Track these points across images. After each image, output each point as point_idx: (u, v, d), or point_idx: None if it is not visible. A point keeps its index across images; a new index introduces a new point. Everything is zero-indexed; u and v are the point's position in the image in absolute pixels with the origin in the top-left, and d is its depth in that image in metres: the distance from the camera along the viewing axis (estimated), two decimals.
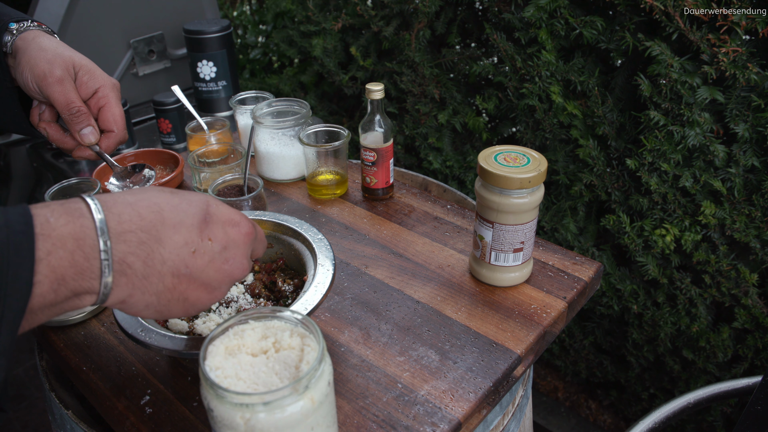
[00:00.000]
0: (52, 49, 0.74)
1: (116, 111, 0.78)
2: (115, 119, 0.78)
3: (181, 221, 0.49)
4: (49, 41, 0.76)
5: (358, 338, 0.77)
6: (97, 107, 0.78)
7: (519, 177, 0.76)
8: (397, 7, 1.49)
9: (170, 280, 0.49)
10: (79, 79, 0.76)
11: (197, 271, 0.50)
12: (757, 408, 0.85)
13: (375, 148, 1.03)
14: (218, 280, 0.52)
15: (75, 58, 0.76)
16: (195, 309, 0.53)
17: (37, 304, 0.42)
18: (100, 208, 0.45)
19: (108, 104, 0.77)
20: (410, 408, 0.67)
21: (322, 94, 1.87)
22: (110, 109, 0.78)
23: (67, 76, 0.74)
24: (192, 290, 0.51)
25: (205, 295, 0.52)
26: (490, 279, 0.86)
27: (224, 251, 0.52)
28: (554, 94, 1.25)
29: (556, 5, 1.19)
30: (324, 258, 0.76)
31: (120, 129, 0.79)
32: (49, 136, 0.80)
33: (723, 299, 1.22)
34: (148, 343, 0.64)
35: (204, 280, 0.51)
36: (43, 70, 0.73)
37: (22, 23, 0.77)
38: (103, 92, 0.77)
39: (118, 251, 0.45)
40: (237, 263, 0.53)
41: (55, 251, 0.42)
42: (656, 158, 1.16)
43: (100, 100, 0.77)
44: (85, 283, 0.44)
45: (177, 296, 0.50)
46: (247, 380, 0.51)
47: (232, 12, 2.36)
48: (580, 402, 1.74)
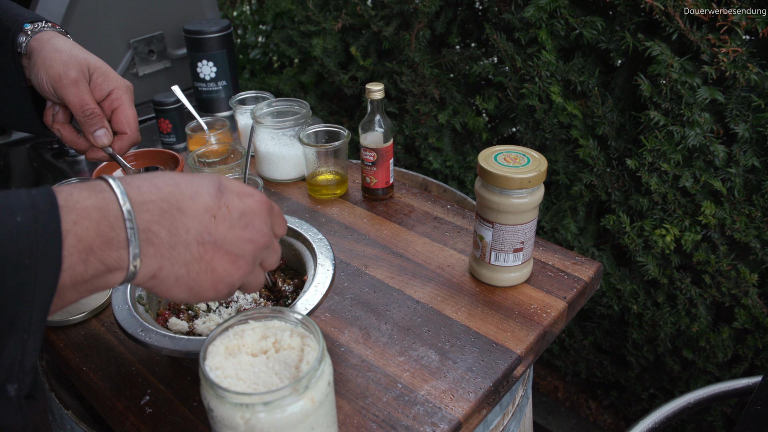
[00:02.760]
0: (67, 50, 0.75)
1: (129, 113, 0.78)
2: (129, 121, 0.79)
3: (197, 191, 0.50)
4: (63, 43, 0.76)
5: (358, 338, 0.77)
6: (110, 109, 0.78)
7: (519, 177, 0.76)
8: (397, 7, 1.49)
9: (196, 248, 0.49)
10: (93, 80, 0.76)
11: (220, 238, 0.50)
12: (757, 408, 0.85)
13: (375, 148, 1.03)
14: (241, 247, 0.52)
15: (90, 60, 0.76)
16: (223, 284, 0.52)
17: (69, 278, 0.42)
18: (119, 183, 0.46)
19: (121, 106, 0.78)
20: (410, 408, 0.67)
21: (322, 94, 1.87)
22: (123, 111, 0.78)
23: (81, 78, 0.75)
24: (218, 259, 0.50)
25: (231, 265, 0.51)
26: (490, 279, 0.86)
27: (242, 217, 0.52)
28: (554, 94, 1.25)
29: (556, 5, 1.19)
30: (324, 258, 0.76)
31: (133, 131, 0.80)
32: (63, 137, 0.80)
33: (723, 299, 1.22)
34: (148, 343, 0.64)
35: (228, 248, 0.51)
36: (59, 72, 0.73)
37: (36, 24, 0.77)
38: (116, 94, 0.77)
39: (142, 220, 0.46)
40: (257, 229, 0.53)
41: (80, 221, 0.42)
42: (656, 158, 1.16)
43: (114, 102, 0.77)
44: (113, 253, 0.44)
45: (204, 267, 0.50)
46: (247, 380, 0.51)
47: (232, 12, 2.36)
48: (580, 402, 1.75)
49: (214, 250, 0.50)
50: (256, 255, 0.54)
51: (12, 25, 0.75)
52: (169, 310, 0.78)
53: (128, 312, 0.69)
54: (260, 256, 0.55)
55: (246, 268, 0.53)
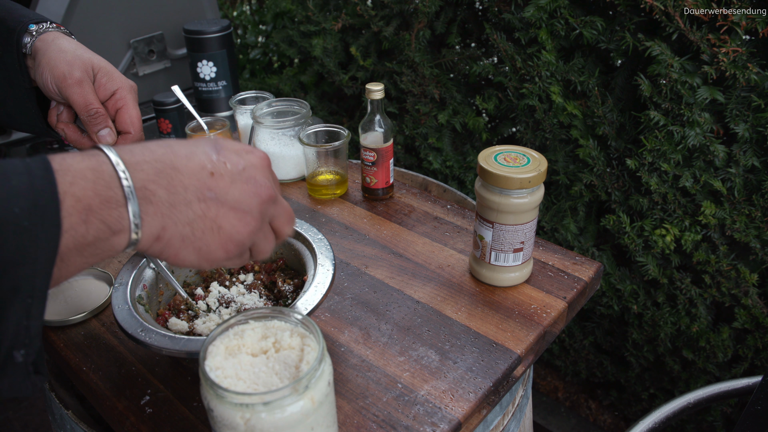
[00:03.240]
0: (71, 50, 0.75)
1: (133, 113, 0.78)
2: (132, 121, 0.78)
3: (192, 152, 0.49)
4: (68, 43, 0.76)
5: (358, 338, 0.77)
6: (114, 109, 0.78)
7: (519, 177, 0.76)
8: (397, 7, 1.49)
9: (198, 206, 0.48)
10: (97, 81, 0.76)
11: (222, 193, 0.49)
12: (757, 408, 0.85)
13: (375, 148, 1.03)
14: (246, 201, 0.51)
15: (94, 60, 0.76)
16: (233, 243, 0.51)
17: (71, 240, 0.42)
18: (111, 148, 0.46)
19: (125, 106, 0.78)
20: (410, 408, 0.67)
21: (322, 94, 1.87)
22: (127, 111, 0.78)
23: (86, 78, 0.75)
24: (223, 215, 0.50)
25: (238, 221, 0.50)
26: (490, 279, 0.86)
27: (244, 171, 0.51)
28: (554, 94, 1.25)
29: (556, 5, 1.19)
30: (324, 258, 0.76)
31: (137, 131, 0.79)
32: (67, 137, 0.81)
33: (723, 299, 1.22)
34: (148, 343, 0.64)
35: (232, 203, 0.50)
36: (63, 72, 0.74)
37: (41, 24, 0.77)
38: (120, 94, 0.77)
39: (138, 179, 0.46)
40: (260, 183, 0.52)
41: (76, 182, 0.43)
42: (656, 158, 1.16)
43: (118, 102, 0.77)
44: (113, 212, 0.44)
45: (209, 224, 0.49)
46: (247, 380, 0.51)
47: (232, 12, 2.36)
48: (580, 402, 1.74)
49: (218, 205, 0.49)
50: (262, 210, 0.52)
51: (17, 26, 0.76)
52: (169, 310, 0.78)
53: (128, 312, 0.69)
54: (268, 212, 0.54)
55: (254, 224, 0.52)
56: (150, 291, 0.76)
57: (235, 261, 0.53)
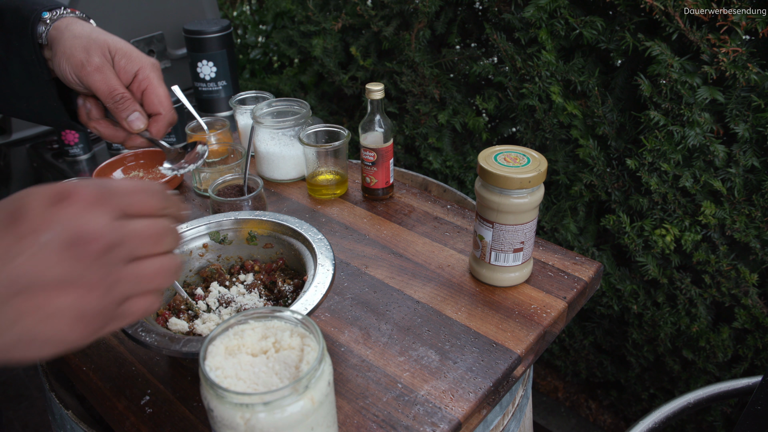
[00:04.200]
0: (86, 35, 0.71)
1: (160, 92, 0.74)
2: (161, 101, 0.74)
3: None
4: (82, 27, 0.72)
5: (358, 338, 0.77)
6: (139, 91, 0.73)
7: (519, 177, 0.76)
8: (397, 7, 1.49)
9: (10, 305, 0.38)
10: (116, 63, 0.72)
11: (29, 281, 0.38)
12: (757, 408, 0.85)
13: (375, 148, 1.03)
14: (68, 270, 0.39)
15: (109, 41, 0.72)
16: (82, 323, 0.41)
17: None
18: None
19: (150, 85, 0.73)
20: (410, 408, 0.67)
21: (322, 94, 1.87)
22: (153, 91, 0.73)
23: (105, 63, 0.70)
24: (54, 298, 0.39)
25: (94, 297, 0.40)
26: (490, 279, 0.86)
27: (46, 237, 0.38)
28: (554, 94, 1.25)
29: (556, 5, 1.19)
30: (324, 258, 0.76)
31: (167, 110, 0.75)
32: (102, 134, 0.77)
33: (723, 299, 1.22)
34: (148, 343, 0.64)
35: (59, 281, 0.39)
36: (80, 60, 0.69)
37: (55, 11, 0.73)
38: (143, 74, 0.72)
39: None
40: (80, 232, 0.39)
41: None
42: (656, 158, 1.16)
43: (142, 82, 0.73)
44: None
45: (42, 316, 0.39)
46: (247, 380, 0.51)
47: (232, 12, 2.36)
48: (580, 402, 1.74)
49: (28, 296, 0.38)
50: (101, 264, 0.40)
51: (31, 15, 0.72)
52: (169, 310, 0.78)
53: None
54: (112, 261, 0.40)
55: (94, 294, 0.40)
56: None
57: (107, 328, 0.43)
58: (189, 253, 0.82)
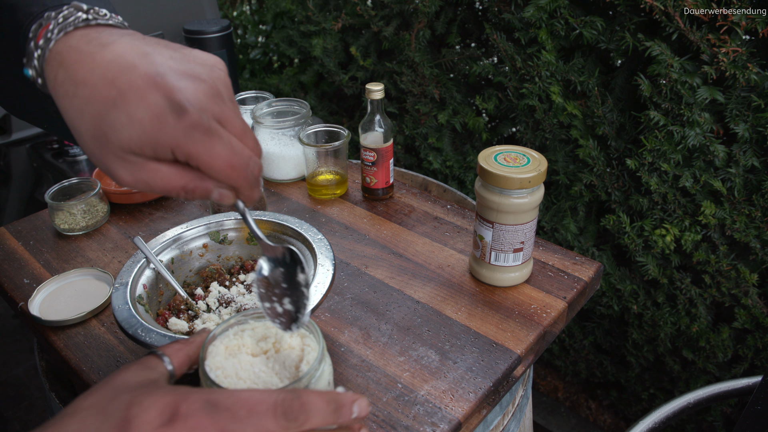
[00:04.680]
0: (93, 84, 0.42)
1: (216, 164, 0.44)
2: (225, 175, 0.45)
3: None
4: (90, 61, 0.43)
5: (358, 338, 0.77)
6: (192, 165, 0.46)
7: (519, 177, 0.76)
8: (397, 7, 1.49)
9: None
10: (143, 153, 0.43)
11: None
12: (757, 408, 0.85)
13: (375, 148, 1.03)
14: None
15: (121, 136, 0.42)
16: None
17: None
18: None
19: (200, 164, 0.44)
20: (410, 408, 0.67)
21: (322, 94, 1.87)
22: (207, 168, 0.45)
23: (133, 163, 0.43)
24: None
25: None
26: (490, 279, 0.86)
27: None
28: (554, 94, 1.25)
29: (556, 5, 1.19)
30: (324, 258, 0.76)
31: (238, 180, 0.46)
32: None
33: (723, 299, 1.22)
34: (148, 343, 0.64)
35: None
36: (91, 152, 0.44)
37: (57, 19, 0.45)
38: (182, 153, 0.44)
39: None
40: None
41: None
42: (656, 158, 1.16)
43: (189, 162, 0.45)
44: None
45: None
46: (248, 380, 0.51)
47: (232, 12, 2.36)
48: (580, 402, 1.74)
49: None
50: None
51: (24, 21, 0.48)
52: (169, 310, 0.78)
53: (128, 312, 0.69)
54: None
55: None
56: (150, 291, 0.76)
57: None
58: (189, 252, 0.82)
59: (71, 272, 0.89)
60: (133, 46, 0.44)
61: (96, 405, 0.40)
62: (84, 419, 0.39)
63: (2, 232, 1.03)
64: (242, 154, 0.45)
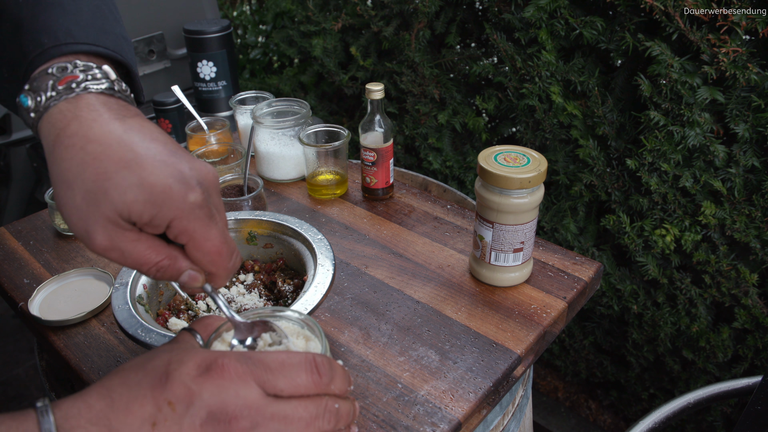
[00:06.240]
0: (107, 144, 0.45)
1: (206, 245, 0.48)
2: (209, 259, 0.49)
3: (131, 399, 0.42)
4: (107, 123, 0.46)
5: (358, 338, 0.77)
6: (180, 242, 0.49)
7: (519, 177, 0.76)
8: (397, 7, 1.49)
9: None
10: (138, 222, 0.46)
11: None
12: (757, 408, 0.85)
13: (375, 148, 1.03)
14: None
15: (118, 192, 0.44)
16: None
17: None
18: (46, 409, 0.41)
19: (191, 241, 0.48)
20: (410, 408, 0.67)
21: (322, 94, 1.87)
22: (196, 246, 0.48)
23: (115, 235, 0.45)
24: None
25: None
26: (490, 279, 0.86)
27: (190, 408, 0.41)
28: (554, 95, 1.25)
29: (556, 5, 1.19)
30: (324, 258, 0.76)
31: (221, 266, 0.50)
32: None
33: (723, 299, 1.22)
34: (148, 343, 0.64)
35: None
36: (79, 229, 0.46)
37: (81, 74, 0.48)
38: (178, 227, 0.46)
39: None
40: (226, 412, 0.41)
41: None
42: (656, 158, 1.16)
43: (179, 236, 0.47)
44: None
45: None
46: None
47: (232, 12, 2.36)
48: (580, 402, 1.74)
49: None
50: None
51: (32, 48, 0.50)
52: (169, 310, 0.78)
53: (128, 312, 0.69)
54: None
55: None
56: (150, 291, 0.76)
57: None
58: None
59: (71, 272, 0.89)
60: (151, 130, 0.48)
61: (137, 364, 0.44)
62: (126, 375, 0.43)
63: (2, 232, 1.03)
64: (231, 245, 0.50)
